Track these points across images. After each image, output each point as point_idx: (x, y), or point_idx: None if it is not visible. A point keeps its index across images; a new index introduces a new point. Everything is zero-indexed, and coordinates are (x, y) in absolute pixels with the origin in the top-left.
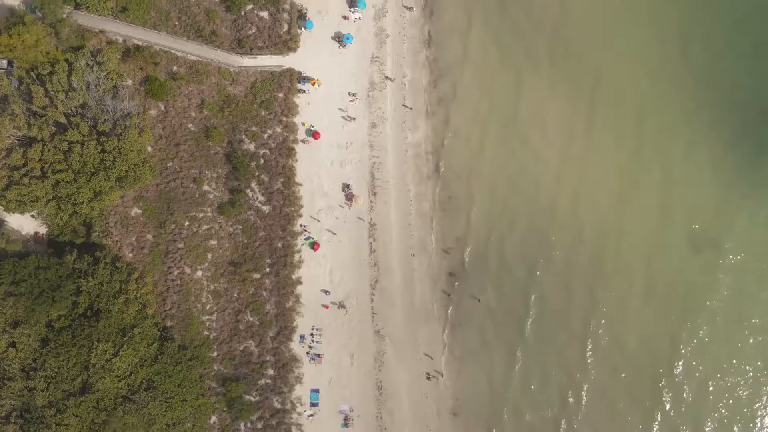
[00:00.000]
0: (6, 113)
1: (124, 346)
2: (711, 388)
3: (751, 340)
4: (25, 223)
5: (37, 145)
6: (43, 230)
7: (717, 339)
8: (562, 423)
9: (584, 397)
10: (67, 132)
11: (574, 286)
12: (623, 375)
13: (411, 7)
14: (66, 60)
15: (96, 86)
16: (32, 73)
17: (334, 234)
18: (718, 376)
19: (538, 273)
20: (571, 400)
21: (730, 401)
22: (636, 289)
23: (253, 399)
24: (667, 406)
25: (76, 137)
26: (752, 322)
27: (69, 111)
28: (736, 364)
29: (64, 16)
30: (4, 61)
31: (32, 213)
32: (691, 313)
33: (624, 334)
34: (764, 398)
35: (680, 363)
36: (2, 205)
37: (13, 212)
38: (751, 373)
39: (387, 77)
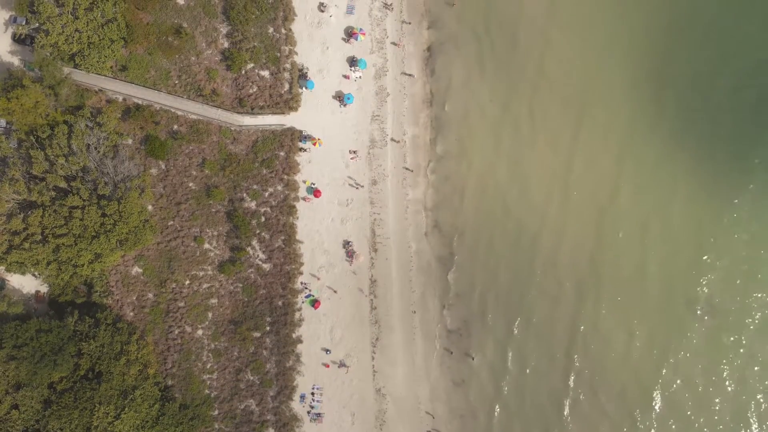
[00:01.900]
0: (6, 177)
1: (126, 409)
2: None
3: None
4: (26, 282)
5: (37, 210)
6: (44, 289)
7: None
8: None
9: None
10: (67, 197)
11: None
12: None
13: (411, 74)
14: (65, 122)
15: (96, 148)
16: (32, 137)
17: (335, 291)
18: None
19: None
20: None
21: None
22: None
23: None
24: None
25: (77, 202)
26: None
27: (69, 174)
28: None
29: (64, 77)
30: (2, 121)
31: (33, 273)
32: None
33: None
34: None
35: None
36: (3, 267)
37: (14, 273)
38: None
39: (391, 138)
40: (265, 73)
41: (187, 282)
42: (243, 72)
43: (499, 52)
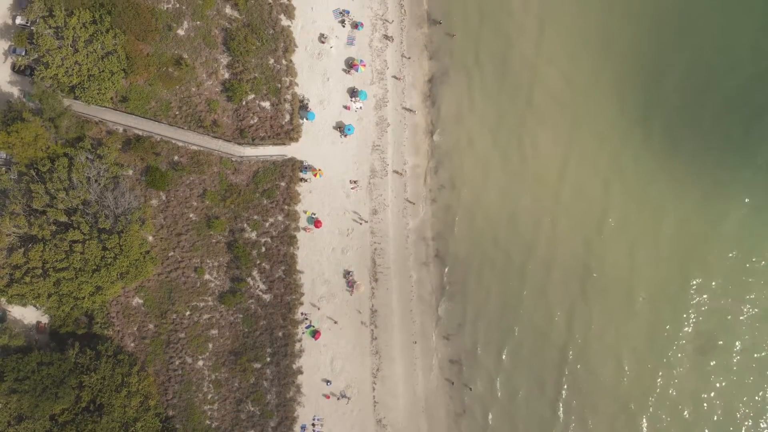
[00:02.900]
0: (6, 212)
1: None
2: None
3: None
4: (28, 313)
5: (38, 244)
6: (45, 320)
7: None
8: None
9: None
10: (68, 231)
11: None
12: None
13: (413, 110)
14: (66, 154)
15: (96, 180)
16: (32, 170)
17: (335, 322)
18: None
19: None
20: None
21: None
22: None
23: None
24: None
25: (78, 236)
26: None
27: (70, 207)
28: None
29: (64, 109)
30: (2, 152)
31: (34, 305)
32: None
33: None
34: None
35: None
36: (4, 299)
37: (16, 305)
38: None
39: (392, 169)
40: (266, 104)
41: (188, 313)
42: (244, 103)
43: (498, 82)
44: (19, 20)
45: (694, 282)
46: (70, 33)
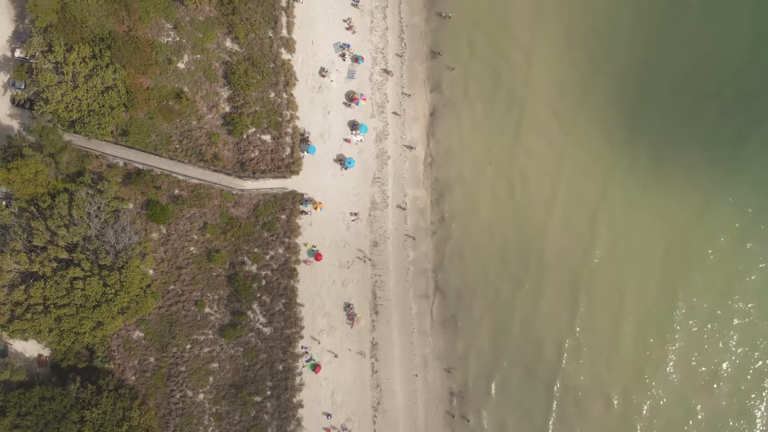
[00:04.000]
0: (7, 249)
1: None
2: None
3: None
4: (29, 346)
5: (39, 282)
6: (46, 353)
7: None
8: None
9: None
10: (69, 268)
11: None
12: None
13: (413, 147)
14: (66, 189)
15: (97, 215)
16: (32, 207)
17: (336, 355)
18: None
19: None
20: None
21: None
22: None
23: None
24: None
25: (78, 273)
26: None
27: (70, 243)
28: None
29: (64, 145)
30: (2, 188)
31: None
32: None
33: None
34: None
35: None
36: (6, 333)
37: (17, 339)
38: None
39: (392, 202)
40: (267, 138)
41: (188, 346)
42: (245, 136)
43: (497, 113)
44: (18, 53)
45: (681, 310)
46: (69, 68)
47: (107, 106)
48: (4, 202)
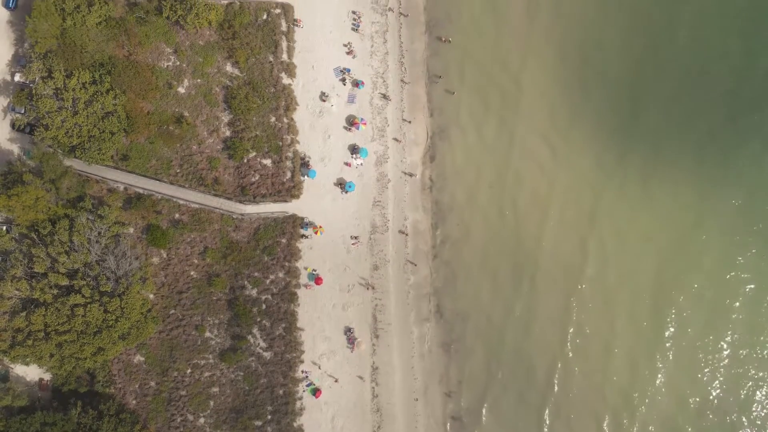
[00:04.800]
0: (8, 275)
1: None
2: None
3: None
4: (30, 371)
5: (40, 309)
6: (47, 377)
7: None
8: None
9: None
10: (69, 296)
11: None
12: None
13: (413, 174)
14: (66, 215)
15: (97, 241)
16: (33, 233)
17: (336, 380)
18: None
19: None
20: None
21: None
22: None
23: None
24: None
25: (79, 300)
26: None
27: (71, 269)
28: None
29: (65, 171)
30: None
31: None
32: None
33: None
34: None
35: None
36: (7, 359)
37: (18, 364)
38: None
39: (393, 225)
40: (267, 162)
41: (189, 370)
42: (245, 160)
43: (497, 137)
44: (18, 78)
45: (671, 332)
46: (69, 95)
47: (107, 131)
48: (4, 228)
